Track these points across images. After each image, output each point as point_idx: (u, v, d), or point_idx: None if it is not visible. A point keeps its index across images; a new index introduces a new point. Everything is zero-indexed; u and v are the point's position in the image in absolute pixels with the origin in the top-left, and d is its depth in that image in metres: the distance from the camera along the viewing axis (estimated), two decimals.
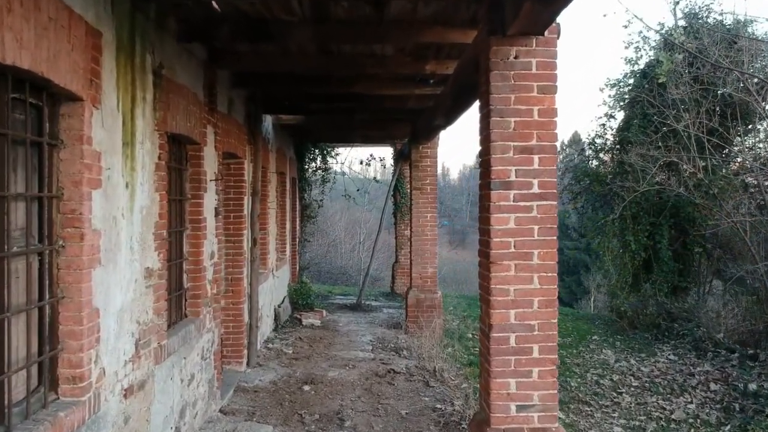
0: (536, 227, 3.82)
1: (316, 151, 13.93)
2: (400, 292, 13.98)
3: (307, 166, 13.89)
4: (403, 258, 14.06)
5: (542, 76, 3.81)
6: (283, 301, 10.95)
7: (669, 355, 8.74)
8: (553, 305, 3.83)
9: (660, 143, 10.05)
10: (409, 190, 13.69)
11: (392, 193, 13.82)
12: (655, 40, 11.61)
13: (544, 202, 3.82)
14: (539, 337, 3.81)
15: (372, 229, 32.39)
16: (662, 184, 10.27)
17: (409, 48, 5.71)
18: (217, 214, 6.17)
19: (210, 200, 5.93)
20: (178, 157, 5.38)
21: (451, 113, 6.44)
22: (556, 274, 3.85)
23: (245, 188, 7.53)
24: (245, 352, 7.59)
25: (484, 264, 3.94)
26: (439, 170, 10.11)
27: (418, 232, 9.84)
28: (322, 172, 14.17)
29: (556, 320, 3.84)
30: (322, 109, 8.91)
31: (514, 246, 3.80)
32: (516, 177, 3.81)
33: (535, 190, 3.82)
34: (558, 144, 3.98)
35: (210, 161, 5.91)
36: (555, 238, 3.84)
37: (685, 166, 9.57)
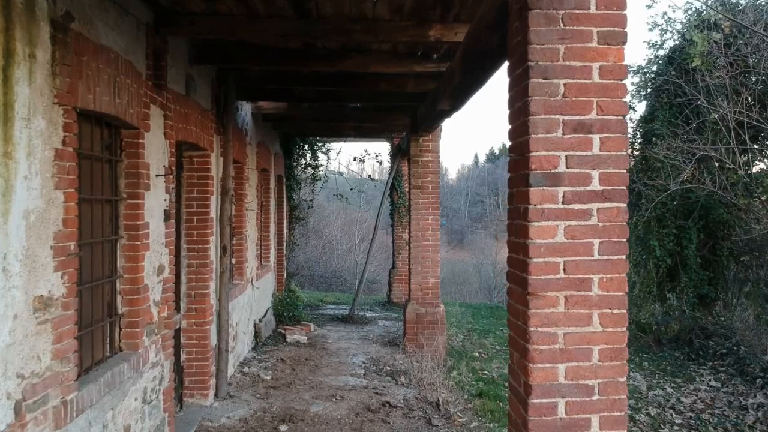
0: (597, 241, 2.59)
1: (305, 146, 12.68)
2: (398, 302, 12.76)
3: (295, 163, 12.64)
4: (400, 264, 12.83)
5: (605, 18, 2.59)
6: (265, 314, 9.71)
7: (710, 380, 7.52)
8: (622, 357, 2.60)
9: (695, 135, 8.82)
10: (407, 189, 12.51)
11: (389, 192, 12.58)
12: (681, 22, 10.40)
13: (609, 205, 2.59)
14: (601, 403, 2.58)
15: (369, 230, 31.17)
16: (694, 182, 9.05)
17: (408, 6, 4.48)
18: (167, 218, 4.93)
19: (156, 201, 4.69)
20: (107, 144, 4.15)
21: (459, 93, 5.21)
22: (626, 311, 2.62)
23: (212, 186, 6.29)
24: (212, 381, 6.35)
25: (517, 295, 2.71)
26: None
27: (417, 236, 8.60)
28: (312, 169, 12.92)
29: (625, 378, 2.61)
30: (308, 95, 7.67)
31: (564, 269, 2.57)
32: (567, 167, 2.58)
33: (596, 186, 2.59)
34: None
35: (156, 151, 4.67)
36: (624, 257, 2.62)
37: (725, 163, 8.35)
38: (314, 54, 5.77)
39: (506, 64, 3.36)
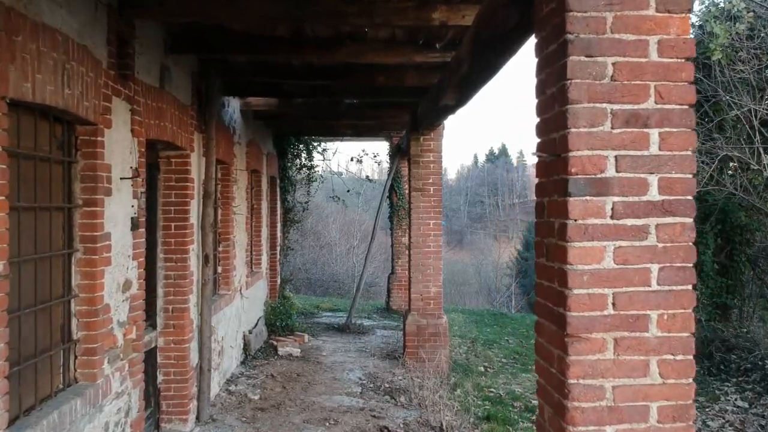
0: (655, 267, 2.00)
1: (300, 146, 12.08)
2: (397, 309, 12.17)
3: (289, 164, 12.04)
4: (400, 269, 12.23)
5: None
6: (256, 325, 9.12)
7: (736, 399, 6.94)
8: (687, 416, 2.02)
9: (717, 133, 8.24)
10: (407, 191, 11.93)
11: (388, 194, 11.98)
12: (696, 14, 9.80)
13: (671, 219, 2.01)
14: None
15: (367, 231, 30.58)
16: (712, 183, 8.46)
17: None
18: (135, 226, 4.34)
19: (121, 207, 4.10)
20: (59, 142, 3.56)
21: (466, 85, 4.62)
22: (692, 357, 2.04)
23: (192, 189, 5.70)
24: (192, 404, 5.76)
25: (550, 334, 2.12)
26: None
27: (417, 242, 8.01)
28: (308, 170, 12.32)
29: None
30: (300, 90, 7.08)
31: (614, 303, 1.98)
32: (617, 171, 1.99)
33: (654, 195, 2.01)
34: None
35: (120, 151, 4.08)
36: (690, 287, 2.03)
37: (748, 163, 7.76)
38: (305, 42, 5.18)
39: (525, 47, 2.79)
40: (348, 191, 13.32)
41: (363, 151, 19.85)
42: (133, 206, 4.31)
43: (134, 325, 4.37)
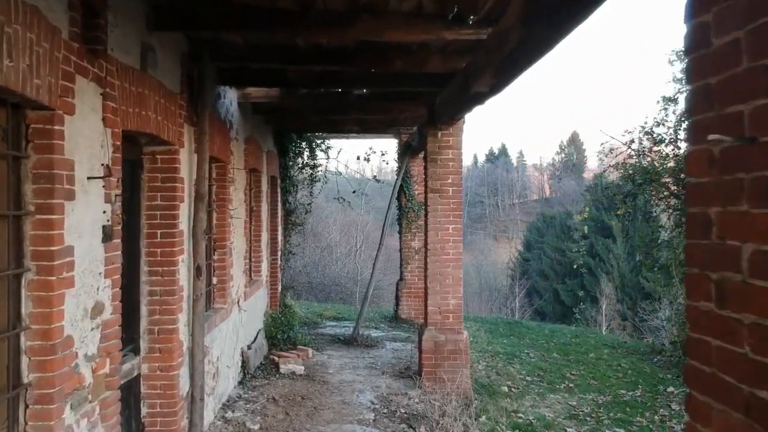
0: None
1: (303, 143, 11.28)
2: (407, 318, 11.38)
3: (291, 162, 11.24)
4: (409, 275, 11.45)
5: None
6: (255, 339, 8.32)
7: None
8: None
9: None
10: (418, 193, 11.17)
11: (396, 195, 11.17)
12: None
13: None
14: None
15: (369, 232, 29.73)
16: None
17: None
18: (108, 237, 3.54)
19: (88, 214, 3.31)
20: (3, 132, 2.77)
21: (511, 65, 3.80)
22: None
23: (181, 191, 4.90)
24: None
25: (735, 428, 1.32)
26: None
27: (435, 249, 7.21)
28: (311, 169, 11.52)
29: None
30: (305, 79, 6.27)
31: None
32: None
33: None
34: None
35: (87, 144, 3.29)
36: None
37: None
38: (312, 18, 4.37)
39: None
40: (354, 192, 12.51)
41: (370, 149, 19.11)
42: (105, 212, 3.51)
43: (107, 357, 3.58)
